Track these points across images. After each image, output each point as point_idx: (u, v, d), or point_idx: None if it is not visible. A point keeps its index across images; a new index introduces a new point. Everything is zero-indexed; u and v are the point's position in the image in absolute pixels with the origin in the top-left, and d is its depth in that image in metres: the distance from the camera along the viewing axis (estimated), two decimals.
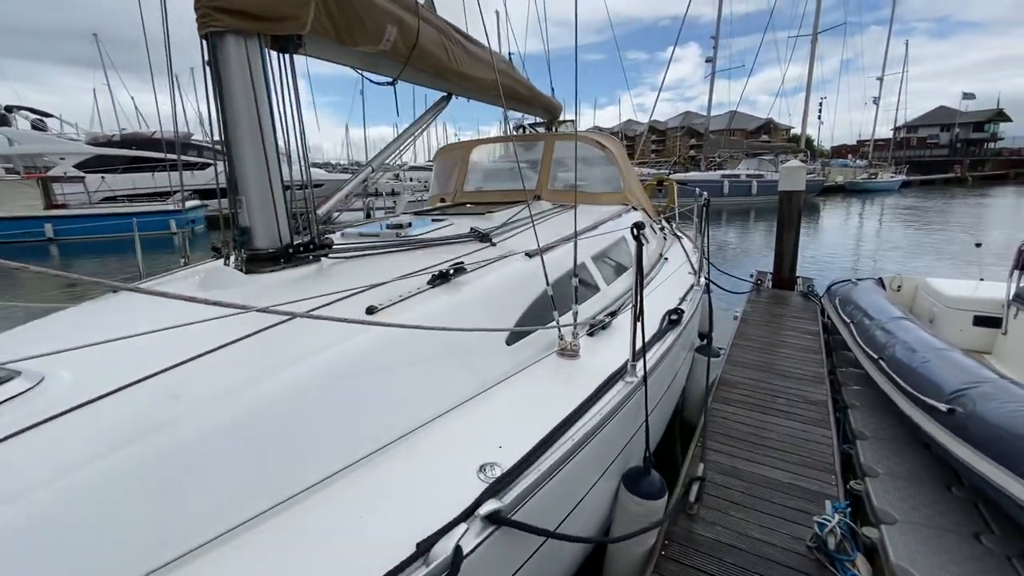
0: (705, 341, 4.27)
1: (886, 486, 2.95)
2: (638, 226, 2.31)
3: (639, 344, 2.33)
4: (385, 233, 3.25)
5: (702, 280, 4.36)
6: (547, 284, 2.51)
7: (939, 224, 18.74)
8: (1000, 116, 57.78)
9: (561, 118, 6.89)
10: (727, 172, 29.01)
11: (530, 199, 4.89)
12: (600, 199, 5.29)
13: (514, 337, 2.38)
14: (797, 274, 7.35)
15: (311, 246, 2.52)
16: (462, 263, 2.45)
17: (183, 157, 23.92)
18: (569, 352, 2.46)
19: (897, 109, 49.13)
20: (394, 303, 2.06)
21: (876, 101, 46.49)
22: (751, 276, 7.86)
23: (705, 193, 6.56)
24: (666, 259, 5.19)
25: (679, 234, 6.72)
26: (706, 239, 5.29)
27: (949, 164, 51.23)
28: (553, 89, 6.57)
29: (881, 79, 45.80)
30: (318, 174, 25.38)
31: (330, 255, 2.59)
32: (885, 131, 56.50)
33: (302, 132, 2.54)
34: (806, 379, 4.32)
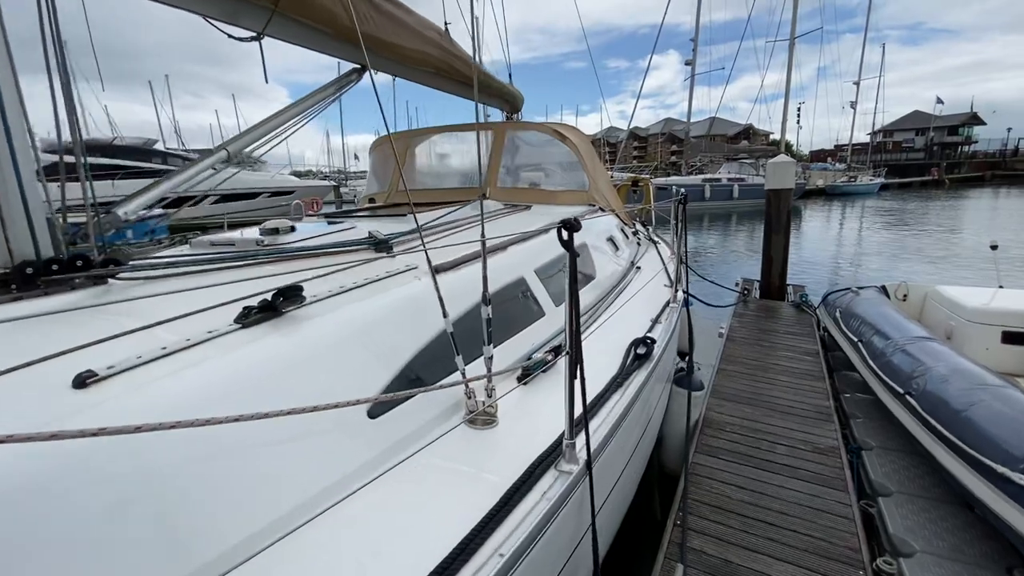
0: (685, 369, 3.45)
1: (925, 567, 2.14)
2: (569, 226, 1.46)
3: (578, 410, 1.50)
4: (243, 241, 2.36)
5: (680, 294, 3.54)
6: (444, 315, 1.67)
7: (923, 225, 18.35)
8: (974, 120, 58.68)
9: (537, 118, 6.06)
10: (708, 176, 28.57)
11: (479, 197, 4.07)
12: (559, 198, 4.48)
13: (382, 406, 1.51)
14: (788, 282, 6.60)
15: (83, 262, 1.65)
16: (299, 287, 1.57)
17: (148, 164, 22.82)
18: (482, 418, 1.62)
19: (875, 113, 49.60)
20: (148, 361, 1.19)
21: (853, 105, 46.79)
22: (736, 285, 7.10)
23: (683, 189, 5.77)
24: (639, 268, 4.38)
25: (656, 239, 5.92)
26: (684, 243, 4.52)
27: (926, 167, 51.76)
28: (511, 75, 5.76)
29: (858, 83, 46.12)
30: (291, 181, 24.34)
31: (124, 275, 1.72)
32: (862, 135, 57.07)
33: (69, 99, 1.69)
34: (809, 416, 3.52)
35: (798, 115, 47.44)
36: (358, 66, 3.38)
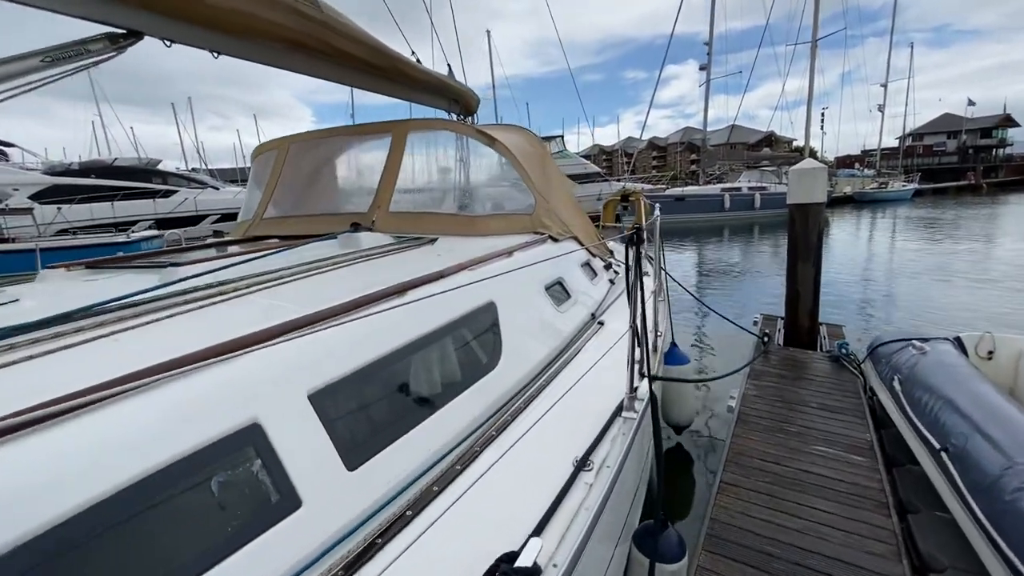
0: (653, 526, 2.05)
1: None
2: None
3: None
4: None
5: (643, 389, 2.17)
6: None
7: (971, 237, 16.42)
8: (1008, 122, 55.74)
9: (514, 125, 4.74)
10: (727, 185, 26.91)
11: (352, 228, 2.80)
12: (485, 226, 3.16)
13: None
14: (820, 320, 5.12)
15: None
16: None
17: (147, 185, 22.31)
18: None
19: (905, 116, 47.18)
20: None
21: (881, 108, 44.56)
22: (755, 324, 5.63)
23: (658, 207, 4.42)
24: (601, 324, 3.04)
25: (648, 270, 4.53)
26: (662, 287, 3.21)
27: (960, 171, 49.03)
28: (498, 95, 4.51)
29: (885, 85, 43.95)
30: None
31: None
32: (890, 140, 54.55)
33: None
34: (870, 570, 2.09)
35: (822, 120, 45.37)
36: (120, 31, 2.12)
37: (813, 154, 42.60)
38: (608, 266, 4.11)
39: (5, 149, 24.82)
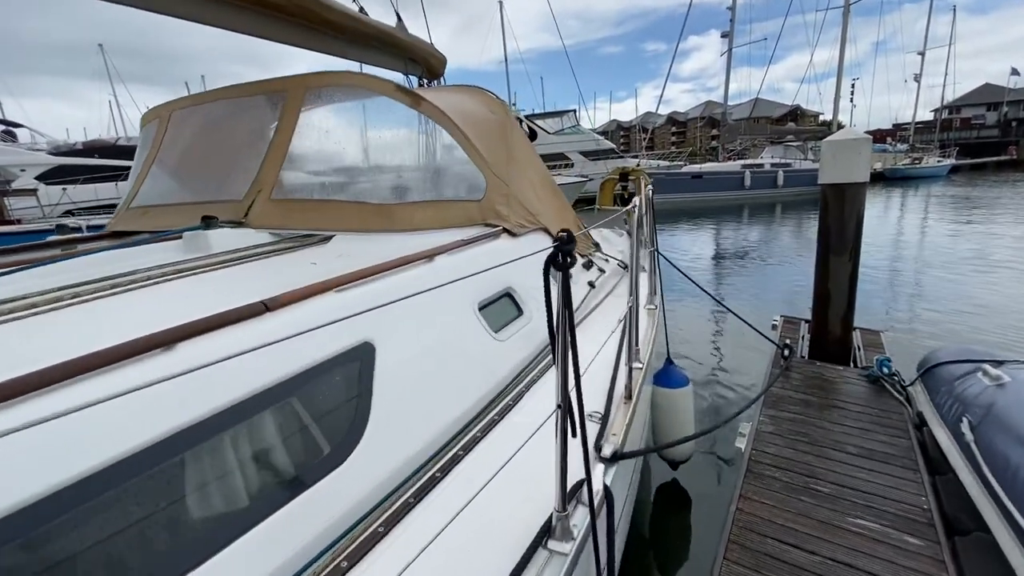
0: None
1: None
2: None
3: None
4: None
5: (600, 472, 1.36)
6: None
7: (1019, 219, 15.04)
8: None
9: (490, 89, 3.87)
10: (748, 162, 25.47)
11: (203, 225, 2.03)
12: (407, 217, 2.34)
13: None
14: (855, 325, 4.22)
15: None
16: None
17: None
18: None
19: (944, 86, 44.40)
20: None
21: (917, 78, 42.03)
22: (774, 327, 4.75)
23: (650, 186, 3.64)
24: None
25: (644, 266, 3.73)
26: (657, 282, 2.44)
27: (1002, 146, 46.23)
28: None
29: (923, 53, 41.30)
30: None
31: None
32: (924, 113, 51.68)
33: None
34: None
35: (852, 92, 42.95)
36: None
37: (841, 128, 40.35)
38: (589, 264, 3.27)
39: (13, 130, 24.58)
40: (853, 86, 41.79)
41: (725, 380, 4.86)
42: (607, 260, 3.88)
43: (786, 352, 3.95)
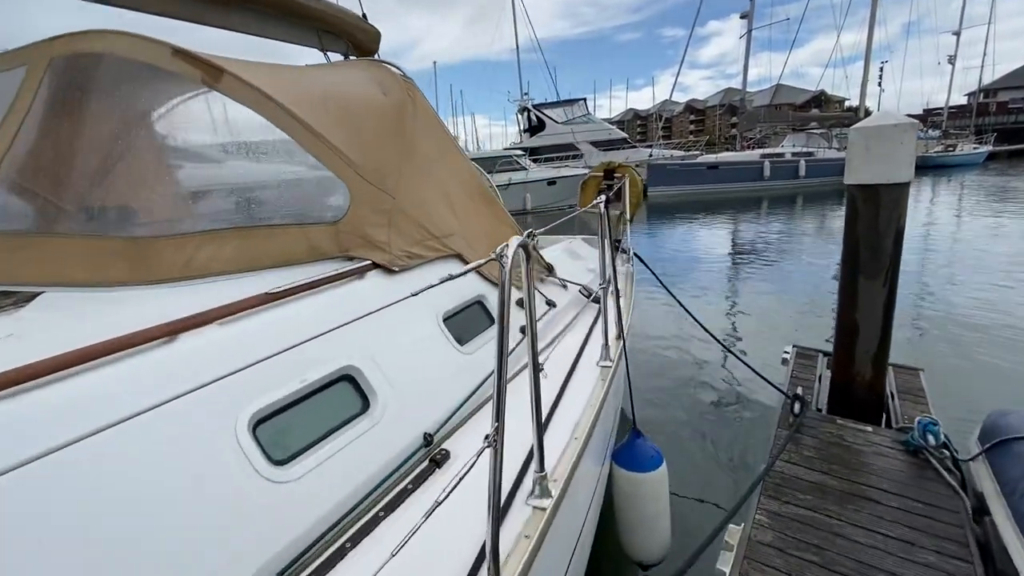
0: None
1: None
2: None
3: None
4: None
5: None
6: None
7: None
8: None
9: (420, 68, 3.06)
10: (768, 151, 24.10)
11: None
12: (178, 258, 1.44)
13: None
14: (890, 361, 3.28)
15: None
16: None
17: None
18: None
19: (982, 67, 41.94)
20: None
21: (952, 60, 39.76)
22: (784, 360, 3.83)
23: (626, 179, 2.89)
24: (437, 461, 1.32)
25: (619, 288, 2.86)
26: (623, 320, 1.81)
27: None
28: None
29: (958, 33, 39.03)
30: None
31: None
32: (957, 98, 49.03)
33: None
34: None
35: (880, 76, 40.80)
36: None
37: (868, 114, 38.35)
38: (518, 304, 2.41)
39: None
40: (882, 69, 39.70)
41: (710, 456, 3.76)
42: (564, 287, 3.01)
43: (797, 407, 3.04)
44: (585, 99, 28.02)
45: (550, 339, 2.44)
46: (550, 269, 2.90)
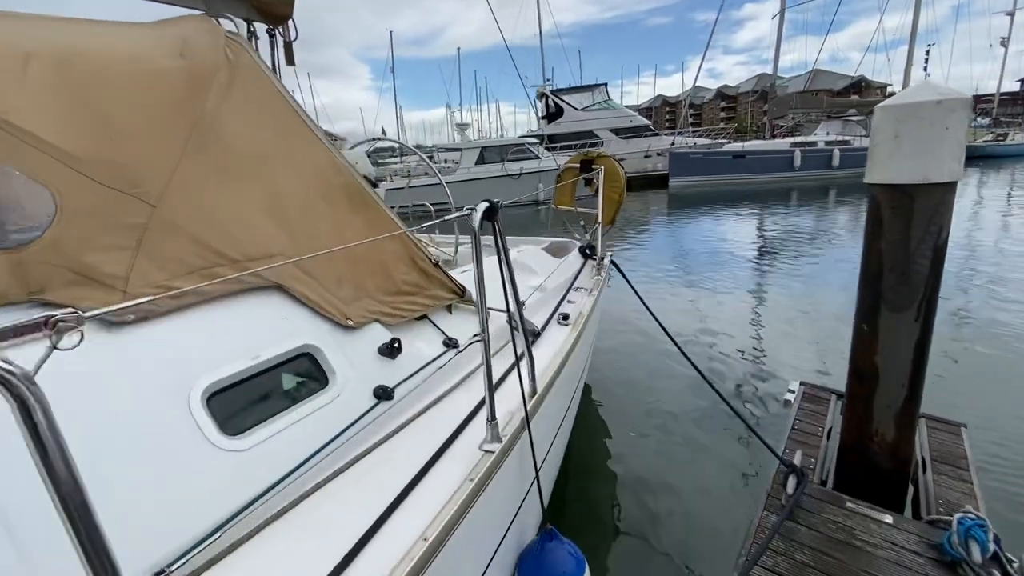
0: None
1: None
2: None
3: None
4: None
5: None
6: None
7: None
8: None
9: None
10: (799, 140, 22.68)
11: None
12: None
13: None
14: (921, 412, 2.49)
15: None
16: None
17: None
18: None
19: None
20: None
21: (1004, 43, 37.02)
22: (787, 402, 3.07)
23: (478, 208, 1.80)
24: None
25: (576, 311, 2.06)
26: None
27: None
28: None
29: (1012, 14, 36.26)
30: None
31: None
32: (1010, 84, 45.86)
33: None
34: None
35: (926, 60, 38.25)
36: None
37: None
38: (391, 349, 1.75)
39: None
40: (928, 53, 37.26)
41: (674, 535, 2.76)
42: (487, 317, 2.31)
43: (792, 482, 2.29)
44: (606, 84, 26.85)
45: (434, 398, 1.75)
46: (461, 293, 2.21)
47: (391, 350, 1.71)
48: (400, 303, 1.87)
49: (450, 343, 2.00)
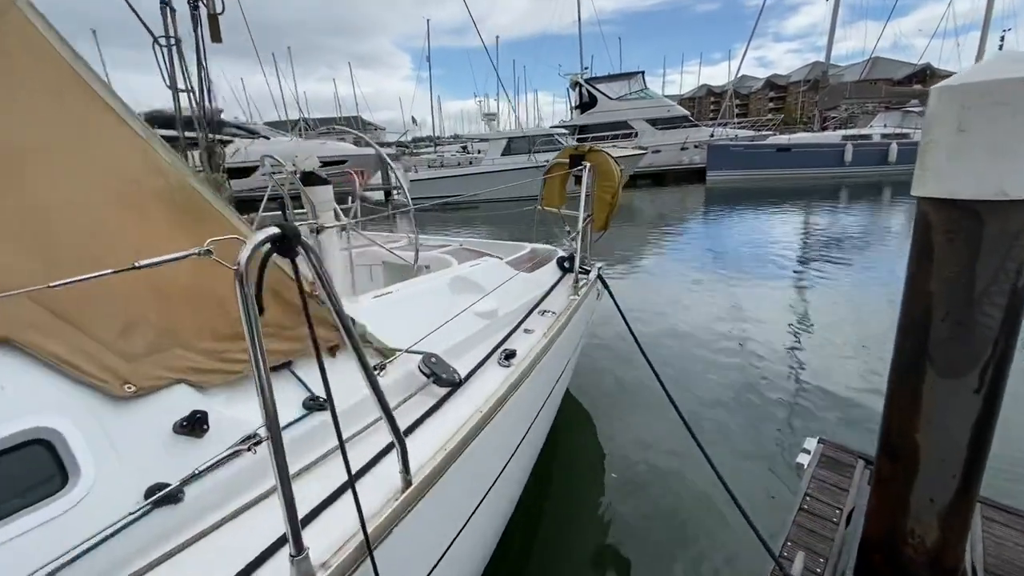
0: None
1: None
2: None
3: None
4: None
5: None
6: None
7: None
8: None
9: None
10: (851, 132, 21.09)
11: None
12: None
13: None
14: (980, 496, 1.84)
15: None
16: None
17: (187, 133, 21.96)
18: None
19: None
20: None
21: None
22: (800, 466, 2.44)
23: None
24: None
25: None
26: None
27: None
28: None
29: None
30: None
31: None
32: None
33: None
34: None
35: (1000, 47, 35.13)
36: None
37: None
38: (194, 424, 1.25)
39: None
40: (1003, 39, 34.26)
41: None
42: (387, 362, 1.80)
43: None
44: (643, 73, 25.67)
45: (248, 500, 1.26)
46: (350, 332, 1.69)
47: (193, 425, 1.23)
48: (237, 351, 1.38)
49: (314, 403, 1.49)
